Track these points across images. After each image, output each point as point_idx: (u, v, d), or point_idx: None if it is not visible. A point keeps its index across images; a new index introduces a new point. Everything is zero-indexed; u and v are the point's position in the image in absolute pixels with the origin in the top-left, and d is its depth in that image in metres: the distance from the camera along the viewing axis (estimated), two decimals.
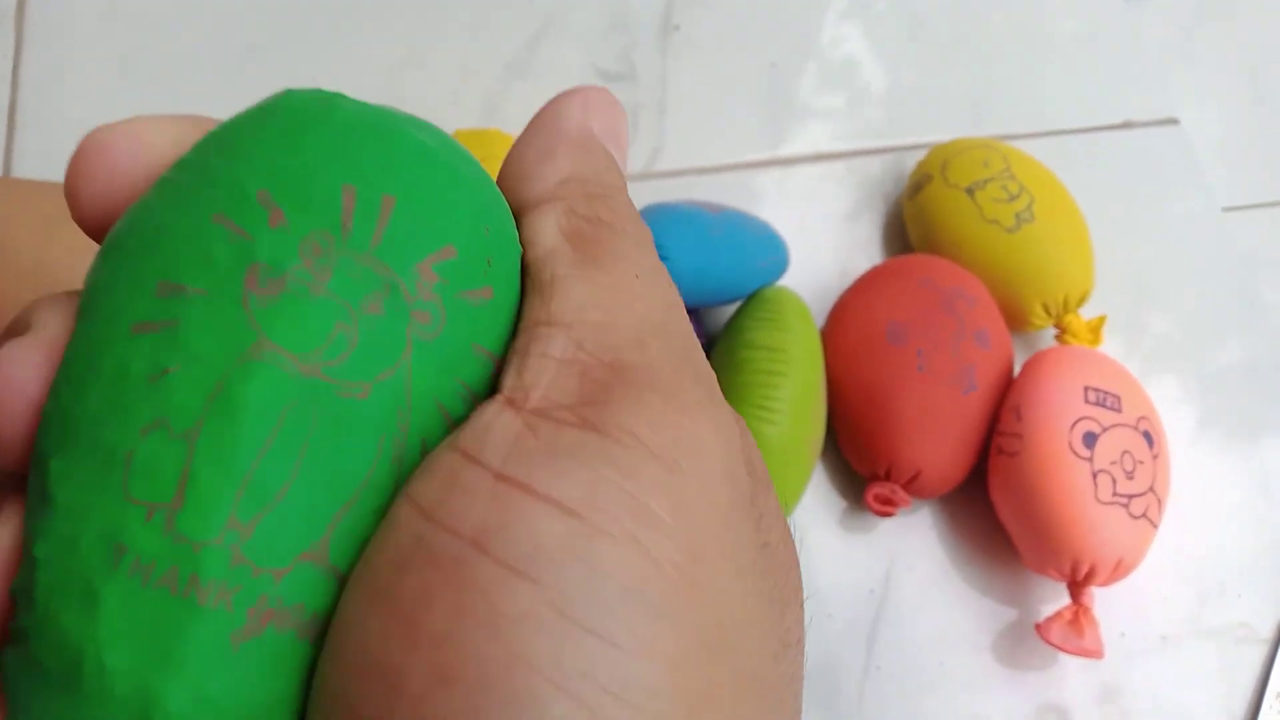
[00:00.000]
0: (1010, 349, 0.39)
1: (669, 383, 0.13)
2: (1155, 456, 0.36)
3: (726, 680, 0.11)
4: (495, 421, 0.12)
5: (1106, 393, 0.36)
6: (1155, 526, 0.36)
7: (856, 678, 0.36)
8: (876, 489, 0.36)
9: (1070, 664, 0.36)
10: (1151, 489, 0.36)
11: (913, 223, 0.42)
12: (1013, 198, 0.39)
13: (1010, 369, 0.38)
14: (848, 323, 0.38)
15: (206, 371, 0.11)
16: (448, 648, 0.10)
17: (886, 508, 0.36)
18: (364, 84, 0.45)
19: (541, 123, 0.16)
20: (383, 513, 0.12)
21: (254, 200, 0.12)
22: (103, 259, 0.12)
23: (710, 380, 0.14)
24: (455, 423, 0.13)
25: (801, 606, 0.14)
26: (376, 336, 0.12)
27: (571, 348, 0.13)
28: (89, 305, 0.12)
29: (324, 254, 0.12)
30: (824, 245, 0.43)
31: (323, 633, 0.11)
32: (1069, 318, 0.39)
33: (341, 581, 0.11)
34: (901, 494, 0.36)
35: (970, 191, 0.40)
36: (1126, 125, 0.46)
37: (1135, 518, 0.35)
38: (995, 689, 0.36)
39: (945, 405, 0.36)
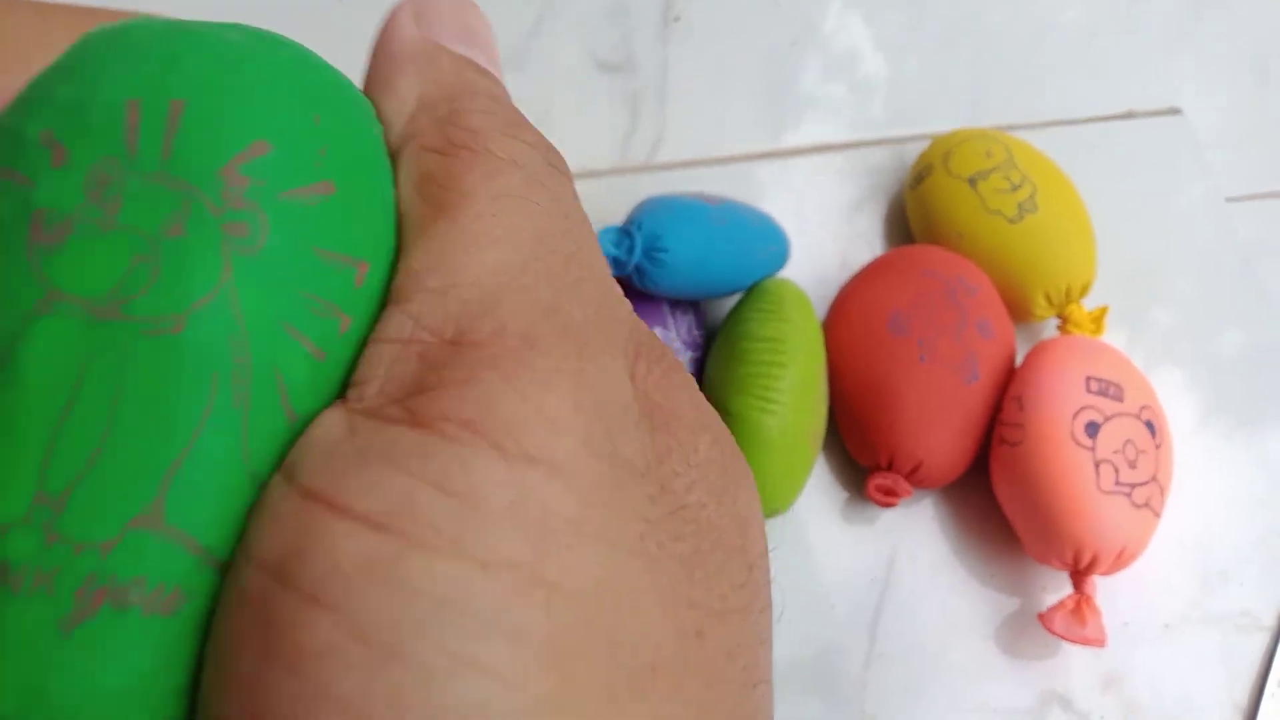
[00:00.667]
0: (1012, 339, 0.39)
1: (516, 350, 0.11)
2: (1158, 446, 0.36)
3: (599, 679, 0.10)
4: (318, 429, 0.11)
5: (1109, 382, 0.36)
6: (1157, 516, 0.36)
7: (859, 667, 0.36)
8: (878, 479, 0.36)
9: (1073, 652, 0.36)
10: (1154, 478, 0.36)
11: (915, 213, 0.42)
12: (1015, 188, 0.39)
13: (1012, 359, 0.38)
14: (849, 313, 0.38)
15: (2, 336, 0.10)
16: (257, 693, 0.09)
17: (888, 498, 0.36)
18: (359, 73, 0.45)
19: (375, 48, 0.14)
20: (237, 460, 0.11)
21: (36, 143, 0.11)
22: None
23: (587, 321, 0.12)
24: (319, 348, 0.11)
25: (754, 563, 0.12)
26: (182, 261, 0.11)
27: (409, 326, 0.11)
28: None
29: (110, 183, 0.11)
30: (825, 237, 0.43)
31: (189, 606, 0.10)
32: (1071, 308, 0.39)
33: (195, 546, 0.10)
34: (903, 484, 0.36)
35: (972, 182, 0.39)
36: (1129, 115, 0.46)
37: (1138, 507, 0.35)
38: (998, 678, 0.36)
39: (947, 395, 0.36)
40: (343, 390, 0.12)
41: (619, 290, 0.13)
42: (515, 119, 0.14)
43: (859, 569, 0.37)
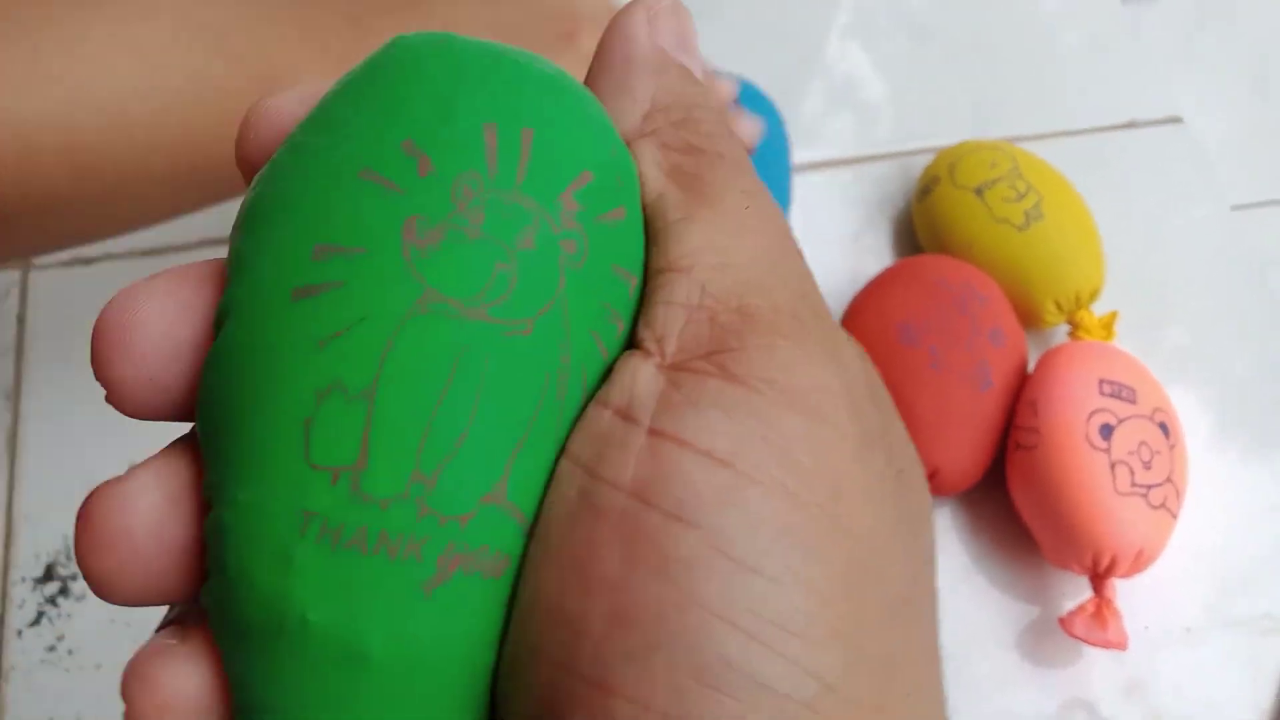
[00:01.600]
0: (1024, 345, 0.39)
1: (793, 324, 0.13)
2: (1172, 447, 0.36)
3: (873, 605, 0.12)
4: (638, 376, 0.13)
5: (1121, 385, 0.36)
6: (1175, 517, 0.36)
7: None
8: None
9: (1095, 658, 0.36)
10: (1169, 479, 0.36)
11: (923, 225, 0.42)
12: (1021, 196, 0.39)
13: (1025, 365, 0.39)
14: (860, 325, 0.39)
15: (376, 329, 0.11)
16: (623, 592, 0.11)
17: None
18: None
19: (610, 51, 0.16)
20: (553, 446, 0.12)
21: (399, 150, 0.12)
22: (245, 227, 0.12)
23: (823, 311, 0.14)
24: (606, 349, 0.13)
25: (932, 523, 0.15)
26: (533, 272, 0.12)
27: (696, 293, 0.13)
28: (239, 275, 0.12)
29: (474, 195, 0.12)
30: (834, 251, 0.43)
31: (509, 569, 0.12)
32: (1081, 313, 0.39)
33: (521, 519, 0.12)
34: None
35: (979, 192, 0.40)
36: (1131, 125, 0.47)
37: (1154, 508, 0.35)
38: (1020, 686, 0.36)
39: (961, 403, 0.36)
40: (631, 340, 0.13)
41: None
42: (729, 129, 0.15)
43: None
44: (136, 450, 0.43)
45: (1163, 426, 0.36)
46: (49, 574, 0.37)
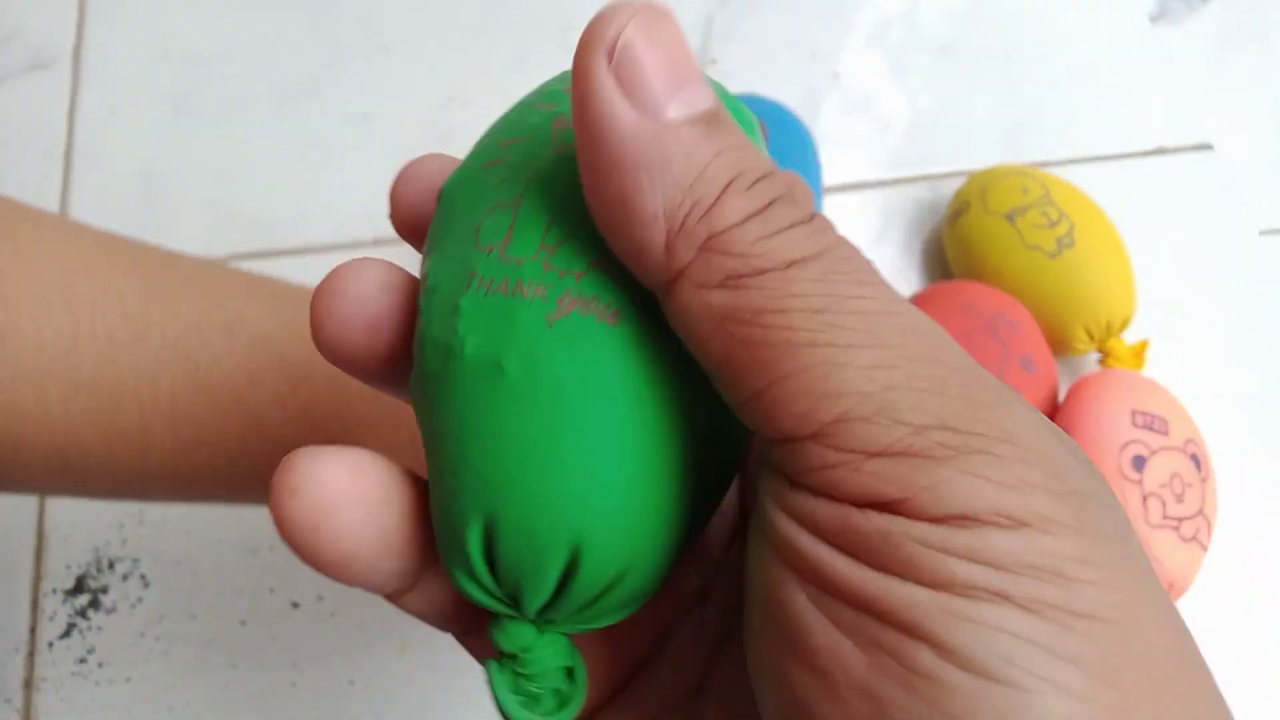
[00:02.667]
0: (1055, 373, 0.39)
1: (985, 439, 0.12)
2: (1204, 479, 0.36)
3: (1145, 685, 0.12)
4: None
5: (1154, 416, 0.36)
6: (1205, 549, 0.36)
7: None
8: None
9: None
10: (1201, 511, 0.36)
11: (953, 249, 0.42)
12: (1053, 224, 0.39)
13: (1055, 393, 0.39)
14: None
15: (525, 171, 0.15)
16: (870, 701, 0.12)
17: None
18: (409, 119, 0.46)
19: (590, 149, 0.13)
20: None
21: (561, 93, 0.16)
22: (466, 161, 0.16)
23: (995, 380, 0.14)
24: None
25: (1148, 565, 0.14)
26: None
27: (887, 428, 0.12)
28: (461, 167, 0.16)
29: None
30: None
31: (619, 317, 0.14)
32: (1112, 341, 0.39)
33: (621, 282, 0.14)
34: None
35: (1010, 218, 0.40)
36: (1160, 151, 0.47)
37: (1185, 540, 0.35)
38: None
39: None
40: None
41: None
42: (760, 183, 0.13)
43: None
44: None
45: (1194, 459, 0.36)
46: (80, 586, 0.38)
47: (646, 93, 0.12)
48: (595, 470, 0.13)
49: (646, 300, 0.13)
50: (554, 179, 0.14)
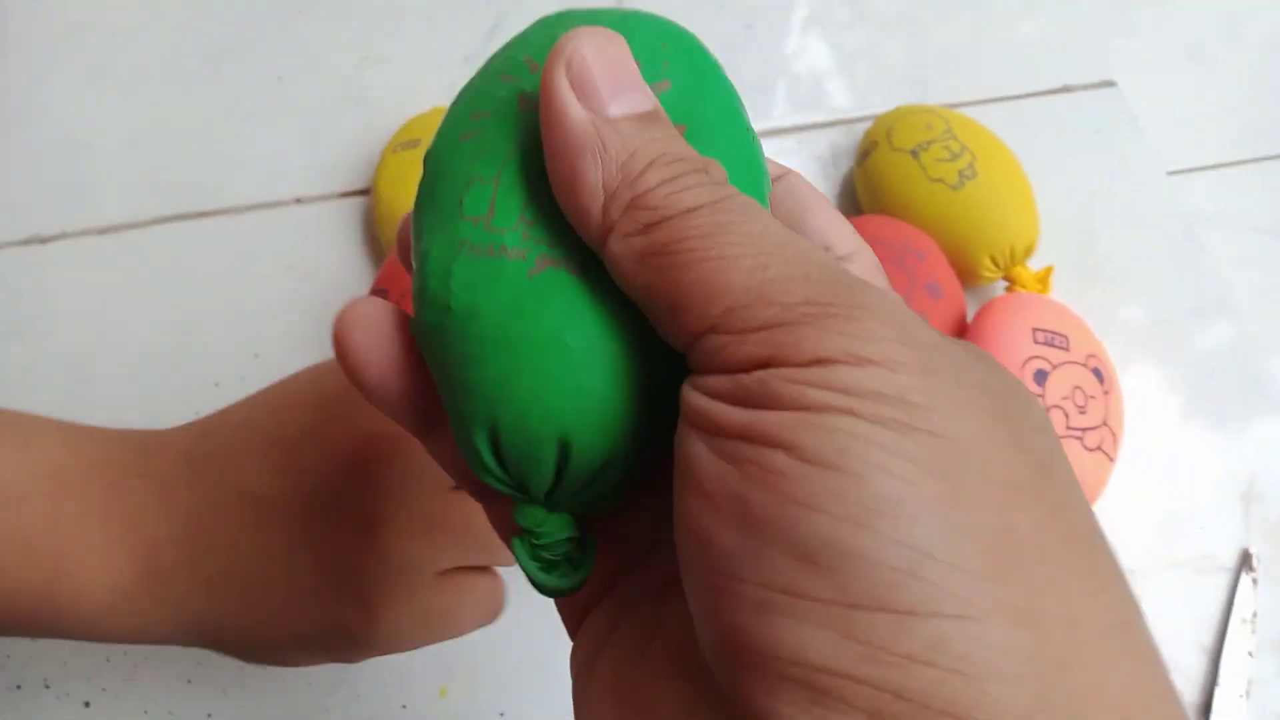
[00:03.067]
0: (962, 299, 0.40)
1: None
2: (1106, 392, 0.38)
3: (973, 488, 0.14)
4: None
5: (1054, 333, 0.38)
6: (1112, 460, 0.37)
7: None
8: None
9: None
10: (1105, 423, 0.37)
11: (863, 187, 0.43)
12: (955, 156, 0.41)
13: (963, 318, 0.40)
14: None
15: (500, 150, 0.18)
16: (740, 505, 0.14)
17: None
18: (328, 78, 0.47)
19: (548, 140, 0.17)
20: None
21: (522, 64, 0.18)
22: (440, 129, 0.19)
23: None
24: None
25: (1048, 427, 0.16)
26: None
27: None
28: (437, 136, 0.19)
29: None
30: None
31: (583, 270, 0.17)
32: (1017, 269, 0.41)
33: (576, 242, 0.17)
34: None
35: (914, 154, 0.41)
36: (1065, 89, 0.48)
37: (1090, 450, 0.36)
38: None
39: None
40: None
41: None
42: (677, 161, 0.16)
43: None
44: (96, 418, 0.43)
45: (1096, 372, 0.38)
46: None
47: (593, 93, 0.16)
48: (572, 380, 0.17)
49: (600, 262, 0.17)
50: (524, 159, 0.17)
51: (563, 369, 0.17)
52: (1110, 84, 0.48)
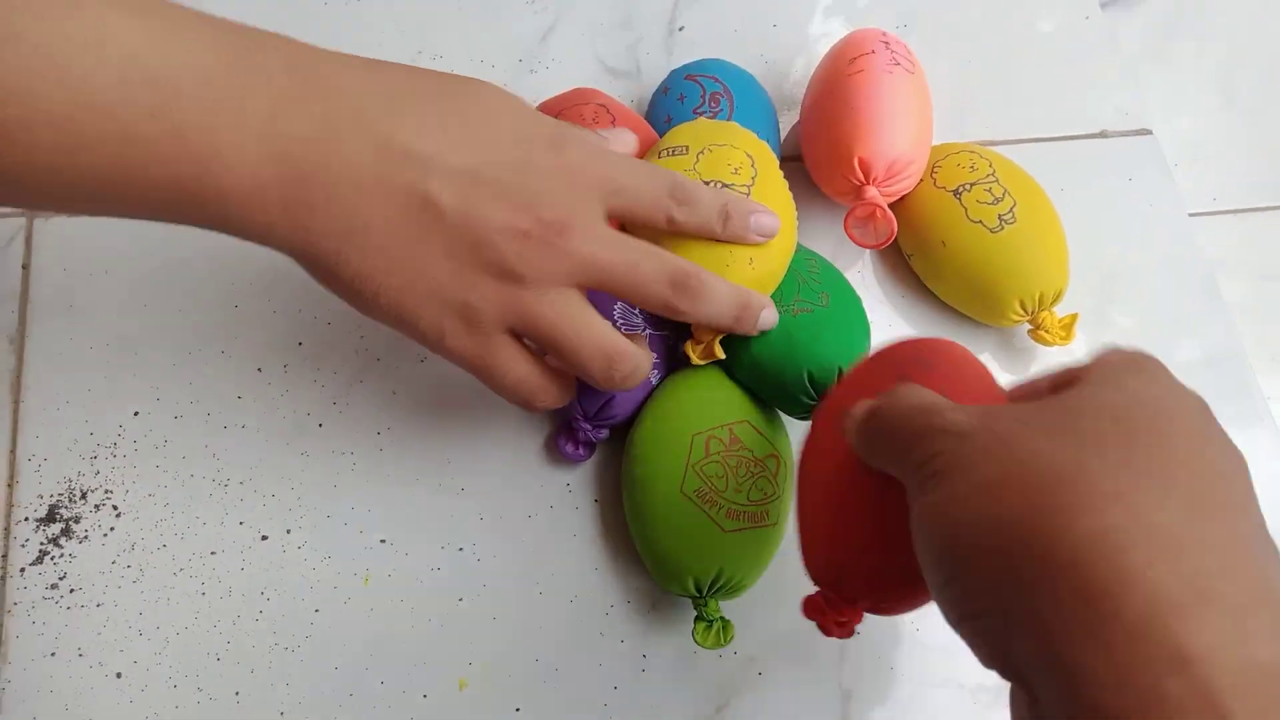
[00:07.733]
0: (994, 392, 0.41)
1: None
2: None
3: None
4: None
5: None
6: None
7: (837, 644, 0.38)
8: None
9: None
10: None
11: (902, 222, 0.44)
12: (997, 200, 0.42)
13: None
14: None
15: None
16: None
17: None
18: None
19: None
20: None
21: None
22: None
23: None
24: None
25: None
26: None
27: None
28: None
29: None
30: (820, 241, 0.45)
31: None
32: (1043, 315, 0.42)
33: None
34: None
35: (957, 194, 0.42)
36: (1103, 135, 0.49)
37: None
38: (968, 655, 0.39)
39: None
40: None
41: None
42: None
43: None
44: (137, 394, 0.44)
45: None
46: (51, 515, 0.39)
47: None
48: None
49: None
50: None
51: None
52: (1146, 132, 0.49)
